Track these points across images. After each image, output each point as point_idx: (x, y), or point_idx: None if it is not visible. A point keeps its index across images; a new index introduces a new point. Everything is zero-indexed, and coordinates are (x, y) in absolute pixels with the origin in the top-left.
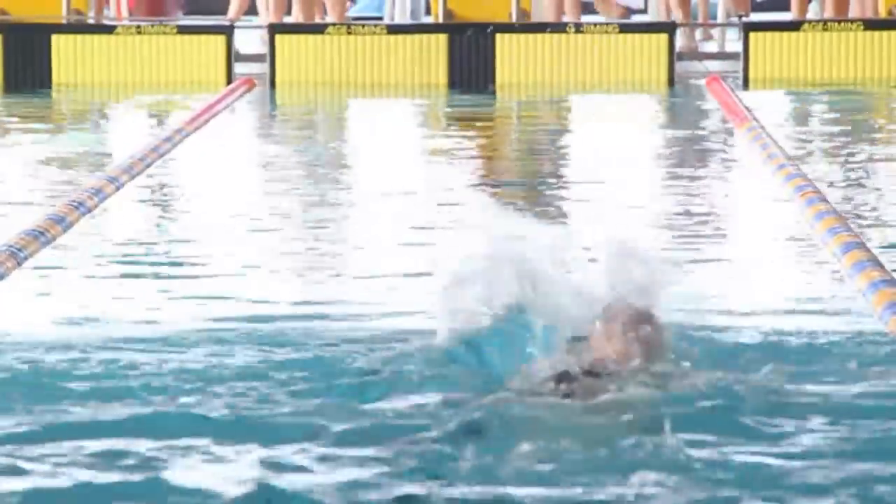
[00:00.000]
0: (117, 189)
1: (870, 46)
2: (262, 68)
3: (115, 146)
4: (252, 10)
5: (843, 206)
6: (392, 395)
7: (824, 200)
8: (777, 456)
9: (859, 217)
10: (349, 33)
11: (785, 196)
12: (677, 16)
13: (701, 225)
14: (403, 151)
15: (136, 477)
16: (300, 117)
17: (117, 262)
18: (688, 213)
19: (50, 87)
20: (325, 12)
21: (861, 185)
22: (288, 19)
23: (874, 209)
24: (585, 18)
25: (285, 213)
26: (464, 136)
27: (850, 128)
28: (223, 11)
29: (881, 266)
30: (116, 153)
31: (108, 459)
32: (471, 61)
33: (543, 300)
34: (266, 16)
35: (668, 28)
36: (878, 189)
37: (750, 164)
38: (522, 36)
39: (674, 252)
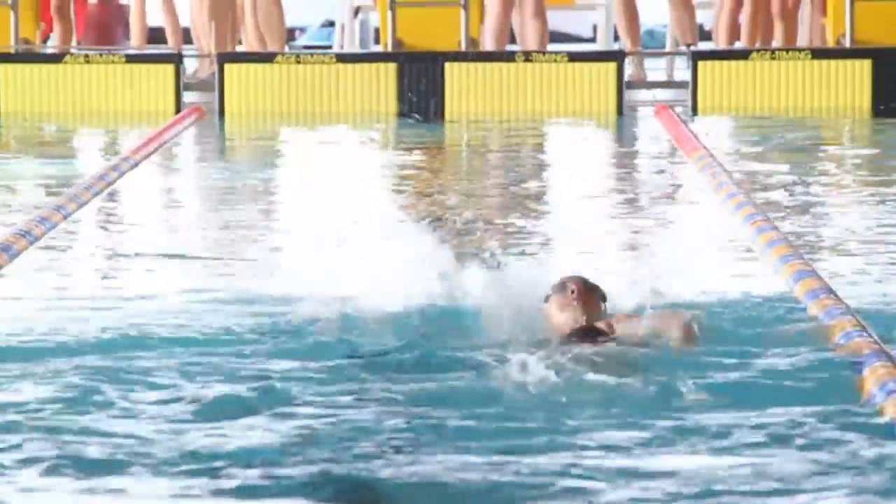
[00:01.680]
0: (64, 218)
1: (818, 75)
2: (211, 97)
3: (62, 175)
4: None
5: (794, 233)
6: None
7: (775, 228)
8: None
9: (810, 244)
10: (298, 62)
11: (735, 224)
12: (626, 44)
13: (650, 254)
14: (350, 178)
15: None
16: (248, 145)
17: (62, 290)
18: (637, 242)
19: None
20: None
21: (811, 213)
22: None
23: (824, 236)
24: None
25: (228, 240)
26: (411, 165)
27: (798, 156)
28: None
29: (834, 294)
30: (64, 182)
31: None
32: (421, 90)
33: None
34: (207, 44)
35: (617, 57)
36: (827, 216)
37: (700, 193)
38: (472, 65)
39: (622, 279)
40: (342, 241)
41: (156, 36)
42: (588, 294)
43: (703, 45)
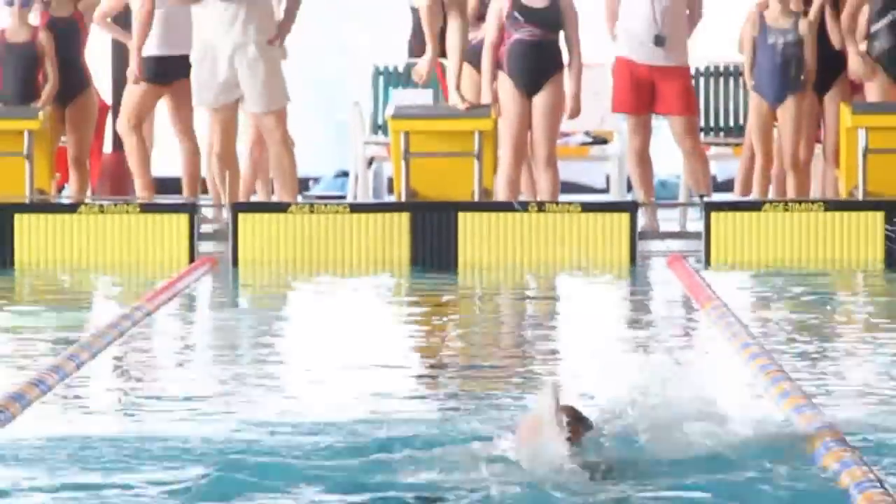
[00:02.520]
0: (77, 367)
1: (831, 227)
2: (225, 247)
3: (75, 324)
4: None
5: (807, 384)
6: None
7: (788, 379)
8: None
9: (824, 395)
10: (312, 212)
11: (749, 375)
12: (639, 195)
13: (661, 401)
14: (362, 327)
15: None
16: (261, 294)
17: (77, 441)
18: (649, 390)
19: (13, 267)
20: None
21: (824, 364)
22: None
23: (838, 387)
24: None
25: (239, 388)
26: (424, 314)
27: (812, 307)
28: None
29: (848, 445)
30: (77, 331)
31: None
32: (434, 239)
33: None
34: (221, 194)
35: (630, 207)
36: (841, 367)
37: (713, 343)
38: (485, 214)
39: (630, 423)
40: (352, 386)
41: (167, 185)
42: (576, 419)
43: (716, 196)
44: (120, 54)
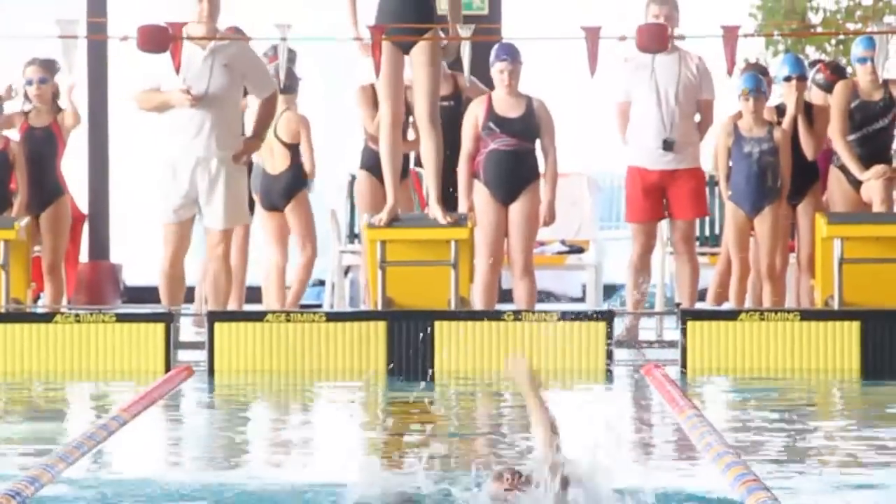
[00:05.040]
0: (54, 477)
1: (807, 336)
2: (202, 355)
3: (51, 435)
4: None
5: (785, 495)
6: None
7: (765, 489)
8: None
9: None
10: (288, 321)
11: (726, 485)
12: (630, 300)
13: None
14: (339, 437)
15: None
16: (236, 403)
17: None
18: (625, 501)
19: None
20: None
21: (802, 474)
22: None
23: (816, 497)
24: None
25: (222, 492)
26: (398, 422)
27: (789, 417)
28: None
29: None
30: (53, 441)
31: None
32: (410, 348)
33: None
34: (201, 303)
35: (607, 316)
36: (819, 478)
37: (690, 452)
38: (461, 323)
39: None
40: (328, 494)
41: (143, 295)
42: (521, 480)
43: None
44: (97, 164)
